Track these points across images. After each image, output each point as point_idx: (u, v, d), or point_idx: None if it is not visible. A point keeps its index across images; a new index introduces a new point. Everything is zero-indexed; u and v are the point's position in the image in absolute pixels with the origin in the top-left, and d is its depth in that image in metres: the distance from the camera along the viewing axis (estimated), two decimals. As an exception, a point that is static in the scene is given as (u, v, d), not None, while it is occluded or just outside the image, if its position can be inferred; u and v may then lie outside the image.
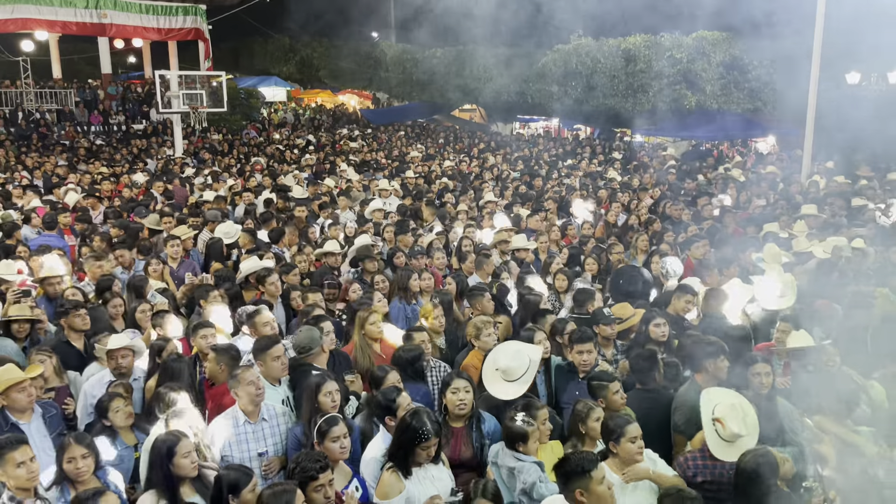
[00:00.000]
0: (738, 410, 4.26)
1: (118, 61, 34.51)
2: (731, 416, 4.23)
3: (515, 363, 4.88)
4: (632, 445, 4.04)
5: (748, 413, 4.29)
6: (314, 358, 5.38)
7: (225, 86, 21.02)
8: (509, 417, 4.22)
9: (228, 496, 3.72)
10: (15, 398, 4.66)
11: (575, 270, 8.36)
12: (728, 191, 13.48)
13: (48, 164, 17.63)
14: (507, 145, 25.55)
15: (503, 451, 4.25)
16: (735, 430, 4.19)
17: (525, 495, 4.06)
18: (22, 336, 6.16)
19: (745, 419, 4.24)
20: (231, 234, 9.34)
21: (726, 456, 4.17)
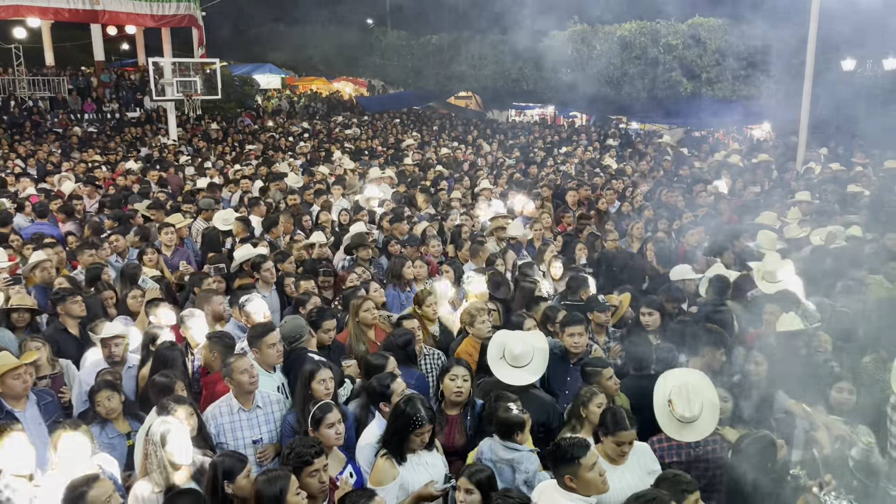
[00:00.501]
0: (688, 392, 4.31)
1: (111, 48, 34.27)
2: (681, 397, 4.32)
3: (520, 349, 4.92)
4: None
5: (702, 394, 4.30)
6: (305, 344, 5.39)
7: (219, 73, 20.93)
8: (503, 408, 4.19)
9: (223, 482, 3.74)
10: (10, 385, 4.68)
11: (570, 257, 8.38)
12: (723, 177, 13.48)
13: (41, 152, 17.54)
14: (502, 132, 25.51)
15: (496, 444, 4.19)
16: (680, 410, 4.28)
17: (526, 485, 4.05)
18: (21, 325, 6.15)
19: (694, 400, 4.28)
20: (228, 220, 9.32)
21: (680, 436, 4.26)
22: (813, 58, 14.74)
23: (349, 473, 4.22)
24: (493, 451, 4.18)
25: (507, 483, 4.04)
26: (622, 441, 4.05)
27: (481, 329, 5.70)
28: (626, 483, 3.98)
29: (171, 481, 3.88)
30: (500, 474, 4.06)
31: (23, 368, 4.77)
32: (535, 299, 6.54)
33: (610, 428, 4.07)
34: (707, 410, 4.31)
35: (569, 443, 3.65)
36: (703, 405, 4.31)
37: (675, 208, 10.88)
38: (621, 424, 4.05)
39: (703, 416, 4.31)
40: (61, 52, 31.28)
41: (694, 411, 4.29)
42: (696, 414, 4.30)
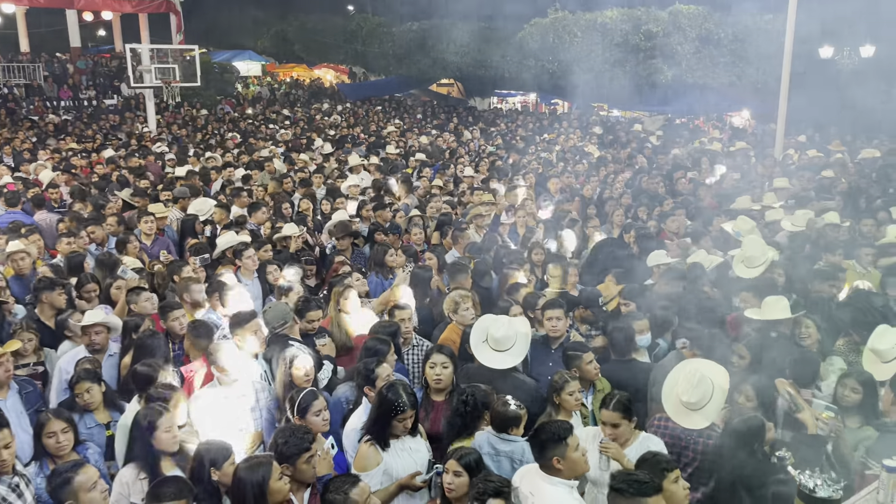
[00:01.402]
0: (693, 378, 4.29)
1: (87, 35, 33.76)
2: (685, 383, 4.31)
3: (503, 333, 4.95)
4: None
5: (708, 383, 4.27)
6: (288, 331, 5.41)
7: (198, 60, 20.69)
8: (501, 402, 4.22)
9: (209, 469, 3.76)
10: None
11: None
12: (702, 164, 13.60)
13: (17, 140, 17.27)
14: (484, 120, 25.49)
15: (492, 437, 4.21)
16: (683, 397, 4.27)
17: None
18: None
19: (698, 388, 4.25)
20: (204, 210, 9.26)
21: (683, 422, 4.26)
22: (791, 45, 14.86)
23: (330, 444, 4.28)
24: (490, 444, 4.20)
25: (507, 475, 4.05)
26: (604, 421, 4.12)
27: (465, 316, 5.74)
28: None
29: (157, 468, 3.91)
30: (499, 467, 4.09)
31: (3, 357, 4.74)
32: (515, 286, 6.59)
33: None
34: (711, 400, 4.27)
35: (553, 424, 3.70)
36: (711, 394, 4.27)
37: (656, 195, 10.97)
38: (604, 404, 4.14)
39: (709, 406, 4.27)
40: (36, 39, 30.77)
41: (691, 398, 4.27)
42: (697, 401, 4.27)
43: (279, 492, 3.55)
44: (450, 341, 5.64)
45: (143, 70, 19.32)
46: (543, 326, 5.67)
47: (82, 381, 4.66)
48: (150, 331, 5.42)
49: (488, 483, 3.38)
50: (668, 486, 3.39)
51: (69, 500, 3.44)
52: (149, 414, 4.01)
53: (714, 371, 4.41)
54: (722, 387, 4.30)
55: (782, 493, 3.38)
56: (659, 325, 5.82)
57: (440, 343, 5.54)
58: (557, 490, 3.60)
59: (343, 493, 3.30)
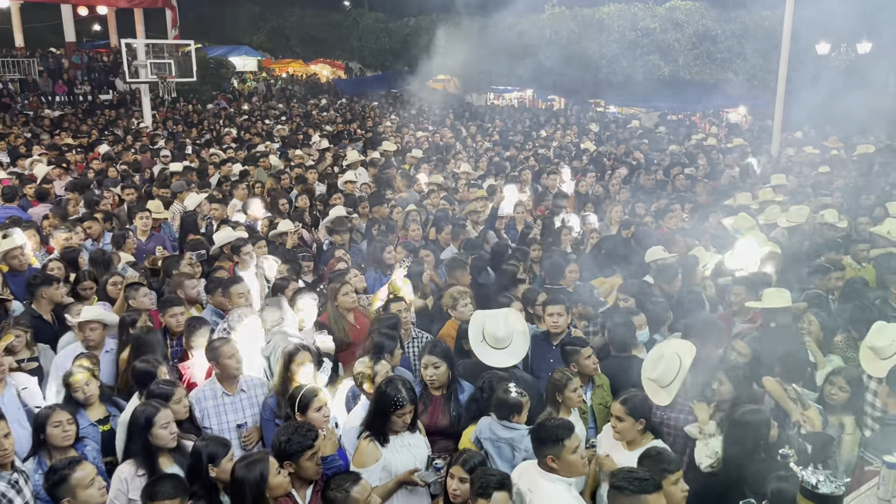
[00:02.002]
0: (655, 356, 4.58)
1: (82, 29, 33.61)
2: (648, 361, 4.62)
3: (502, 331, 4.92)
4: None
5: (674, 360, 4.46)
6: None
7: (194, 55, 20.61)
8: (503, 389, 4.22)
9: (207, 466, 3.75)
10: None
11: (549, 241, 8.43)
12: (699, 161, 13.61)
13: (12, 136, 17.19)
14: (481, 116, 25.46)
15: (494, 424, 4.22)
16: (645, 374, 4.56)
17: None
18: None
19: (659, 365, 4.48)
20: (196, 200, 9.20)
21: (654, 399, 4.46)
22: (788, 41, 14.88)
23: (334, 424, 4.27)
24: (491, 430, 4.21)
25: (507, 461, 4.08)
26: (613, 414, 4.14)
27: (463, 312, 5.73)
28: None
29: (155, 465, 3.90)
30: (499, 452, 4.12)
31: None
32: (514, 282, 6.58)
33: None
34: (677, 380, 4.45)
35: (553, 424, 3.68)
36: (669, 373, 4.46)
37: (653, 191, 10.97)
38: (615, 397, 4.19)
39: (672, 384, 4.45)
40: (31, 33, 30.63)
41: (653, 375, 4.48)
42: (657, 377, 4.47)
43: (279, 486, 3.55)
44: (448, 336, 5.64)
45: (139, 65, 19.24)
46: (543, 322, 5.66)
47: (78, 376, 4.61)
48: (148, 326, 5.40)
49: (490, 476, 3.37)
50: (667, 486, 3.38)
51: (67, 496, 3.43)
52: (146, 410, 3.99)
53: (683, 349, 4.56)
54: (687, 365, 4.49)
55: (784, 489, 3.37)
56: (654, 320, 5.82)
57: (438, 338, 5.55)
58: (555, 487, 3.59)
59: (344, 490, 3.30)
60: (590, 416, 4.93)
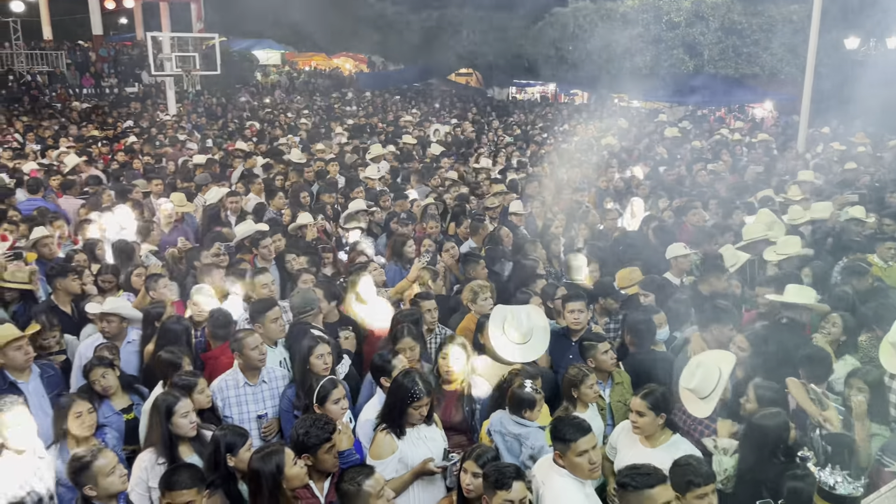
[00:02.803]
0: (692, 365, 4.43)
1: (109, 22, 33.97)
2: (686, 370, 4.44)
3: (524, 327, 4.91)
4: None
5: (713, 371, 4.34)
6: (312, 318, 5.42)
7: (218, 48, 20.76)
8: (517, 385, 4.22)
9: (226, 456, 3.79)
10: (11, 356, 4.72)
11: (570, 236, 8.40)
12: (722, 157, 13.46)
13: (41, 129, 17.45)
14: (502, 110, 25.38)
15: (506, 418, 4.23)
16: (683, 383, 4.40)
17: (532, 460, 4.09)
18: (11, 301, 6.15)
19: (696, 375, 4.34)
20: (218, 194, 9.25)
21: (693, 410, 4.35)
22: (816, 35, 14.63)
23: (349, 418, 4.30)
24: (502, 423, 4.22)
25: (514, 456, 4.09)
26: (631, 409, 4.09)
27: (483, 306, 5.73)
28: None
29: (175, 453, 3.95)
30: (508, 447, 4.11)
31: (24, 340, 4.80)
32: (533, 277, 6.57)
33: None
34: (716, 391, 4.30)
35: (567, 423, 3.67)
36: (708, 383, 4.31)
37: (675, 187, 10.87)
38: (636, 392, 4.14)
39: (711, 395, 4.31)
40: (59, 26, 31.04)
41: (691, 384, 4.33)
42: (695, 388, 4.32)
43: (296, 477, 3.58)
44: (467, 330, 5.64)
45: (164, 58, 19.43)
46: (563, 318, 5.64)
47: (96, 368, 4.69)
48: (175, 317, 5.45)
49: (507, 468, 3.37)
50: (691, 499, 3.32)
51: (88, 483, 3.49)
52: (166, 399, 4.05)
53: (722, 359, 4.44)
54: (727, 376, 4.36)
55: (800, 489, 3.34)
56: (675, 318, 5.77)
57: (457, 332, 5.55)
58: (564, 482, 3.60)
59: (356, 483, 3.31)
60: (608, 413, 4.91)
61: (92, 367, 4.69)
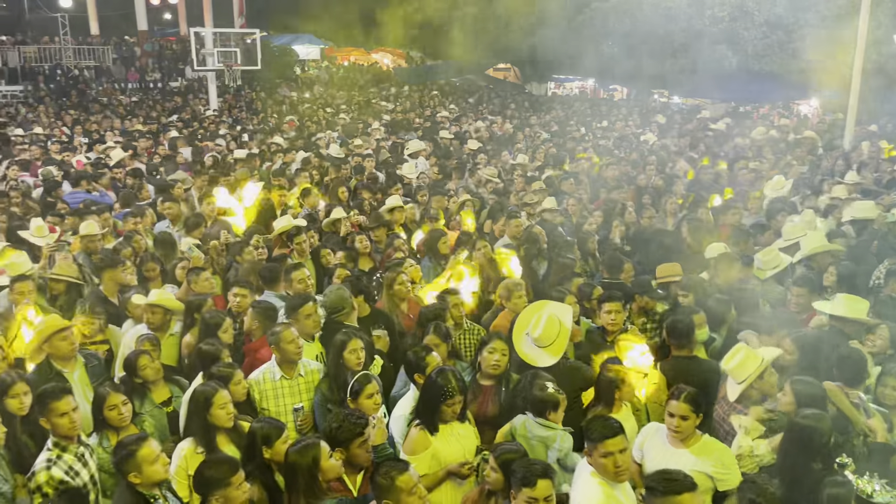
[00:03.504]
0: (736, 351, 4.57)
1: (154, 18, 34.58)
2: (731, 353, 4.61)
3: (547, 331, 4.87)
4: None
5: (746, 357, 4.47)
6: (345, 317, 5.48)
7: (259, 43, 21.01)
8: (539, 386, 4.21)
9: (262, 447, 3.88)
10: (57, 346, 4.87)
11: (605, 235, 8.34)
12: (764, 155, 13.20)
13: (88, 123, 17.89)
14: (540, 105, 25.23)
15: (530, 421, 4.21)
16: (722, 364, 4.62)
17: (559, 464, 4.09)
18: (57, 293, 6.33)
19: (735, 358, 4.50)
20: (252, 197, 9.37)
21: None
22: (865, 30, 14.23)
23: (383, 413, 4.35)
24: (527, 427, 4.21)
25: (540, 458, 4.08)
26: (672, 413, 4.02)
27: (518, 304, 5.72)
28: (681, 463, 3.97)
29: (213, 444, 4.04)
30: (532, 451, 4.08)
31: (69, 330, 4.95)
32: (569, 275, 6.54)
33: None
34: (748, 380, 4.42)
35: (599, 423, 3.66)
36: (745, 370, 4.41)
37: (714, 185, 10.70)
38: (674, 395, 4.04)
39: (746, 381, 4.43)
40: (106, 22, 31.70)
41: (728, 365, 4.48)
42: (732, 369, 4.47)
43: (330, 470, 3.64)
44: (502, 328, 5.64)
45: (206, 53, 19.75)
46: (599, 318, 5.61)
47: (141, 357, 4.81)
48: (216, 310, 5.56)
49: (534, 465, 3.39)
50: None
51: (133, 471, 3.59)
52: (205, 390, 4.14)
53: (767, 351, 4.53)
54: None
55: (838, 495, 3.29)
56: (715, 319, 5.70)
57: (491, 329, 5.57)
58: (589, 480, 3.60)
59: (390, 477, 3.35)
60: (644, 413, 4.88)
61: (136, 359, 4.79)
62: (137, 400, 4.67)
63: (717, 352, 5.54)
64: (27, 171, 11.73)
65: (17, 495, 4.03)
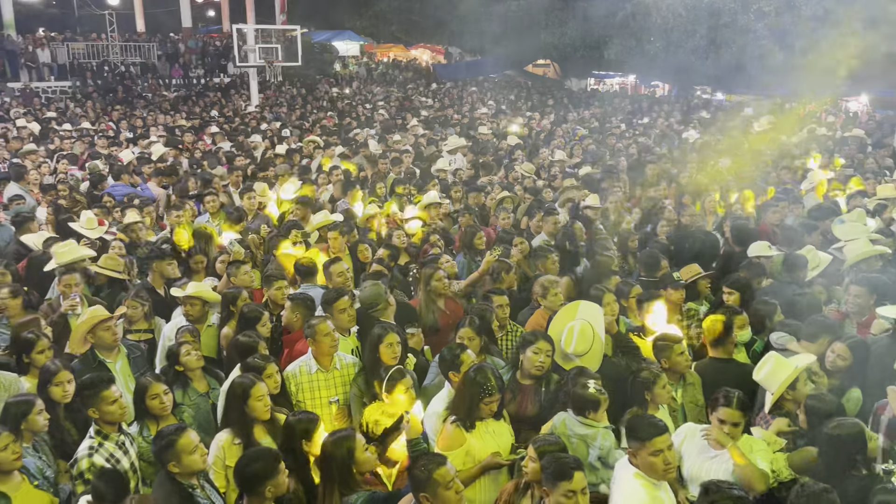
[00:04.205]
0: (765, 361, 4.46)
1: (198, 15, 35.24)
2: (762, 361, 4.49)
3: (580, 343, 4.80)
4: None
5: (776, 368, 4.35)
6: (380, 313, 5.50)
7: (299, 40, 21.19)
8: (580, 385, 4.17)
9: (300, 441, 3.91)
10: (101, 336, 5.00)
11: (646, 233, 8.23)
12: (811, 152, 12.86)
13: (134, 118, 18.28)
14: (580, 102, 24.98)
15: (570, 418, 4.19)
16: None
17: (600, 462, 4.07)
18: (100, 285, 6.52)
19: (762, 369, 4.39)
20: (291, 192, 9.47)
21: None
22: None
23: (417, 409, 4.34)
24: (567, 425, 4.18)
25: (581, 459, 4.04)
26: (722, 419, 3.96)
27: (554, 301, 5.68)
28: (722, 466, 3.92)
29: (251, 435, 4.09)
30: (572, 449, 4.07)
31: (113, 321, 5.07)
32: (607, 273, 6.47)
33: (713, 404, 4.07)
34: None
35: (643, 421, 3.62)
36: (776, 379, 4.31)
37: (755, 184, 10.46)
38: (727, 402, 3.96)
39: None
40: (151, 19, 32.35)
41: (758, 375, 4.40)
42: (762, 379, 4.39)
43: (366, 462, 3.67)
44: (538, 326, 5.61)
45: (248, 50, 20.00)
46: (639, 317, 5.53)
47: (183, 346, 4.89)
48: (255, 304, 5.63)
49: (566, 459, 3.37)
50: None
51: (172, 461, 3.66)
52: (243, 382, 4.19)
53: (800, 359, 4.43)
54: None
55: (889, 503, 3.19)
56: (759, 322, 5.56)
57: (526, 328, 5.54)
58: (633, 482, 3.55)
59: (427, 471, 3.34)
60: (680, 414, 4.80)
61: (179, 346, 4.89)
62: (180, 390, 4.76)
63: (757, 355, 5.43)
64: (76, 164, 12.05)
65: (60, 481, 4.14)
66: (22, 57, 24.33)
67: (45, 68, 24.89)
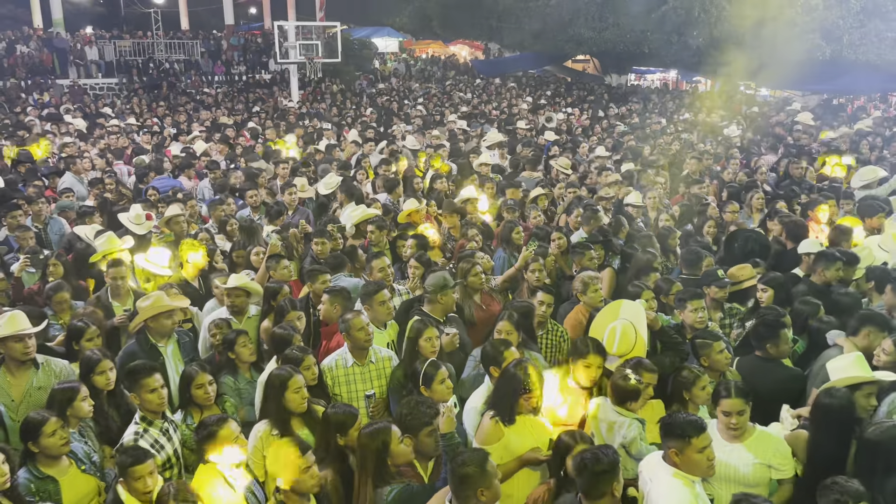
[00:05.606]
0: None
1: (240, 13, 35.76)
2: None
3: (623, 344, 4.79)
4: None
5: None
6: (448, 298, 5.47)
7: (339, 36, 21.34)
8: (622, 375, 4.20)
9: (337, 434, 3.94)
10: (162, 323, 5.17)
11: (687, 230, 8.10)
12: (861, 148, 12.51)
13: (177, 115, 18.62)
14: (620, 97, 24.68)
15: (605, 405, 4.25)
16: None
17: (623, 449, 4.10)
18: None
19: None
20: (331, 184, 9.55)
21: None
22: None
23: (453, 402, 4.36)
24: (601, 409, 4.27)
25: (607, 441, 4.10)
26: (726, 411, 3.95)
27: (594, 298, 5.64)
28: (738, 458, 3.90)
29: (288, 427, 4.14)
30: (599, 434, 4.18)
31: (176, 309, 5.25)
32: (647, 270, 6.39)
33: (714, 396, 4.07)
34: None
35: (684, 419, 3.58)
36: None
37: (802, 181, 10.22)
38: (726, 393, 3.96)
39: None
40: (195, 17, 32.94)
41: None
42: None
43: (401, 455, 3.69)
44: (577, 323, 5.57)
45: (289, 46, 20.22)
46: (681, 315, 5.46)
47: (241, 336, 5.02)
48: (291, 297, 5.70)
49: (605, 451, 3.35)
50: None
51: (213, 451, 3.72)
52: (281, 374, 4.25)
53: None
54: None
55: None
56: (799, 322, 5.44)
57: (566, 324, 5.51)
58: (673, 481, 3.51)
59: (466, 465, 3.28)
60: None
61: (236, 337, 5.01)
62: (229, 376, 4.91)
63: (797, 356, 5.31)
64: (121, 159, 12.35)
65: (105, 466, 4.25)
66: (70, 54, 24.98)
67: (93, 65, 25.52)
